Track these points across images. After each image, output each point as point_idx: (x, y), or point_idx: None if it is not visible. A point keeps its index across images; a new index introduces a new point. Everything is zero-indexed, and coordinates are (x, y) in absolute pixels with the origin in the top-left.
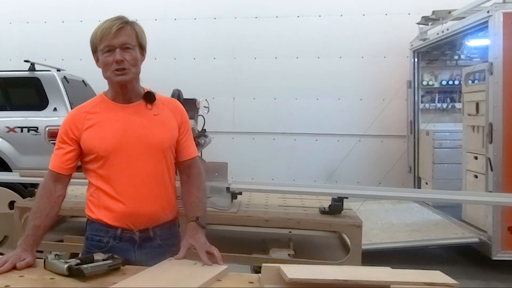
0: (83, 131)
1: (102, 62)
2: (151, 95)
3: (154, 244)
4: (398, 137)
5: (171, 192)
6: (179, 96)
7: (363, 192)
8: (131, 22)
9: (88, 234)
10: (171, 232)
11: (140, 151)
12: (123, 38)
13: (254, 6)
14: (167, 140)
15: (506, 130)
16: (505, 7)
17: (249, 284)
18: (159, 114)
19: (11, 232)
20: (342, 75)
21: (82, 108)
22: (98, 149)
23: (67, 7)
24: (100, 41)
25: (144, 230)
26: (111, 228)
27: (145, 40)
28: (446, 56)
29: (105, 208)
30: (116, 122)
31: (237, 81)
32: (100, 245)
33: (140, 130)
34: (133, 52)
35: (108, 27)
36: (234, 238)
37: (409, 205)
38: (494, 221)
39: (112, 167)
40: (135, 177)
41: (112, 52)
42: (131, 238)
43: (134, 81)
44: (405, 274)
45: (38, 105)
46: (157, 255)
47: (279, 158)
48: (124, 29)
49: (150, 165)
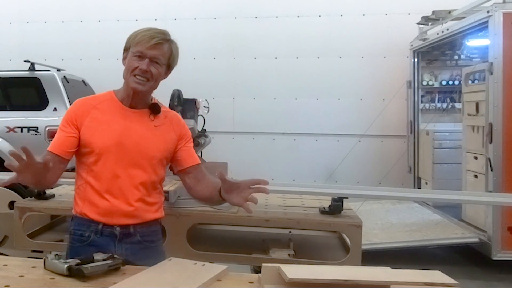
0: (84, 123)
1: (128, 63)
2: (157, 107)
3: (134, 240)
4: (398, 137)
5: (157, 195)
6: (179, 96)
7: (363, 192)
8: (171, 40)
9: (72, 229)
10: (151, 229)
11: (133, 157)
12: (157, 52)
13: (254, 6)
14: (162, 152)
15: (506, 130)
16: (505, 7)
17: (249, 284)
18: (160, 126)
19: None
20: (342, 75)
21: (89, 99)
22: (94, 145)
23: (67, 7)
24: (136, 45)
25: (124, 226)
26: (93, 223)
27: (176, 63)
28: (446, 56)
29: (90, 202)
30: (117, 124)
31: (237, 81)
32: (82, 239)
33: (137, 138)
34: (159, 68)
35: (149, 36)
36: (234, 238)
37: (409, 205)
38: (494, 221)
39: (103, 165)
40: (124, 179)
41: (141, 59)
42: (111, 233)
43: (147, 93)
44: (405, 274)
45: (38, 105)
46: (136, 250)
47: (279, 158)
48: (162, 46)
49: (140, 171)
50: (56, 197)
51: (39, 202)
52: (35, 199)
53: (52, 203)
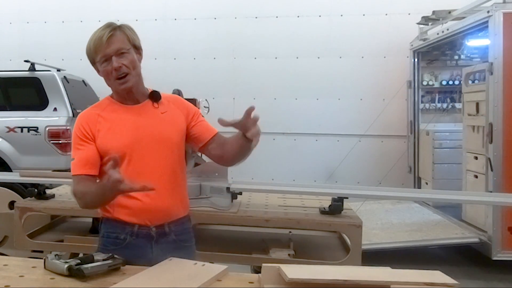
0: (97, 132)
1: (102, 72)
2: (157, 94)
3: (169, 240)
4: (398, 137)
5: (183, 188)
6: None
7: (363, 192)
8: (119, 27)
9: (104, 232)
10: (184, 228)
11: (152, 149)
12: (116, 45)
13: (254, 6)
14: (176, 135)
15: (506, 130)
16: (505, 7)
17: (249, 284)
18: (166, 111)
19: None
20: (342, 75)
21: (93, 109)
22: (113, 150)
23: (67, 7)
24: (95, 53)
25: (160, 226)
26: (127, 225)
27: (138, 40)
28: (446, 56)
29: (121, 206)
30: (127, 123)
31: (237, 81)
32: (117, 242)
33: (151, 128)
34: (128, 55)
35: (99, 37)
36: (234, 238)
37: (409, 205)
38: (494, 221)
39: (126, 166)
40: (149, 174)
41: (109, 61)
42: (147, 234)
43: (137, 83)
44: (405, 274)
45: (38, 105)
46: (171, 250)
47: (279, 158)
48: (115, 36)
49: (162, 161)
50: (56, 197)
51: (39, 202)
52: (35, 199)
53: (52, 203)
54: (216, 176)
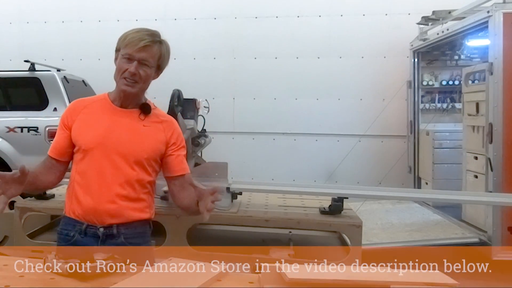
0: (74, 122)
1: (118, 64)
2: (147, 106)
3: (117, 242)
4: (398, 137)
5: (143, 195)
6: (179, 96)
7: (363, 192)
8: (160, 41)
9: (59, 228)
10: (137, 231)
11: (118, 155)
12: (146, 54)
13: (254, 6)
14: (147, 152)
15: (506, 130)
16: (505, 7)
17: (249, 284)
18: (149, 126)
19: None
20: (342, 75)
21: (83, 101)
22: (80, 143)
23: (67, 7)
24: (125, 47)
25: (108, 227)
26: (77, 223)
27: (166, 63)
28: (446, 56)
29: (76, 200)
30: (104, 122)
31: (237, 81)
32: (67, 239)
33: (123, 136)
34: (148, 70)
35: (137, 38)
36: (234, 238)
37: (409, 205)
38: (494, 221)
39: (88, 163)
40: (108, 177)
41: (130, 61)
42: (95, 233)
43: (137, 94)
44: (405, 275)
45: (38, 105)
46: (119, 252)
47: (279, 158)
48: (151, 47)
49: (126, 169)
50: (56, 197)
51: (39, 202)
52: (35, 199)
53: (52, 203)
54: (216, 176)
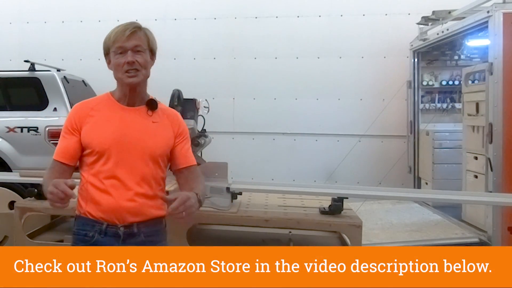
0: (84, 125)
1: (114, 63)
2: (154, 102)
3: (137, 240)
4: (398, 137)
5: (158, 192)
6: (179, 96)
7: (363, 192)
8: (143, 28)
9: (75, 229)
10: (156, 229)
11: (133, 153)
12: (135, 41)
13: (254, 6)
14: (160, 148)
15: (506, 130)
16: (505, 7)
17: None
18: (158, 122)
19: (11, 232)
20: (342, 75)
21: (87, 103)
22: (94, 145)
23: (67, 7)
24: (113, 43)
25: (128, 226)
26: (96, 223)
27: (156, 46)
28: (446, 56)
29: (93, 201)
30: (115, 122)
31: (237, 81)
32: (86, 239)
33: (136, 134)
34: (144, 55)
35: (121, 30)
36: (234, 238)
37: (409, 205)
38: (494, 221)
39: (104, 163)
40: (125, 176)
41: (124, 54)
42: (115, 233)
43: (143, 84)
44: None
45: (38, 105)
46: None
47: (279, 158)
48: (137, 34)
49: (141, 167)
50: None
51: (39, 202)
52: (35, 199)
53: None
54: (216, 176)
